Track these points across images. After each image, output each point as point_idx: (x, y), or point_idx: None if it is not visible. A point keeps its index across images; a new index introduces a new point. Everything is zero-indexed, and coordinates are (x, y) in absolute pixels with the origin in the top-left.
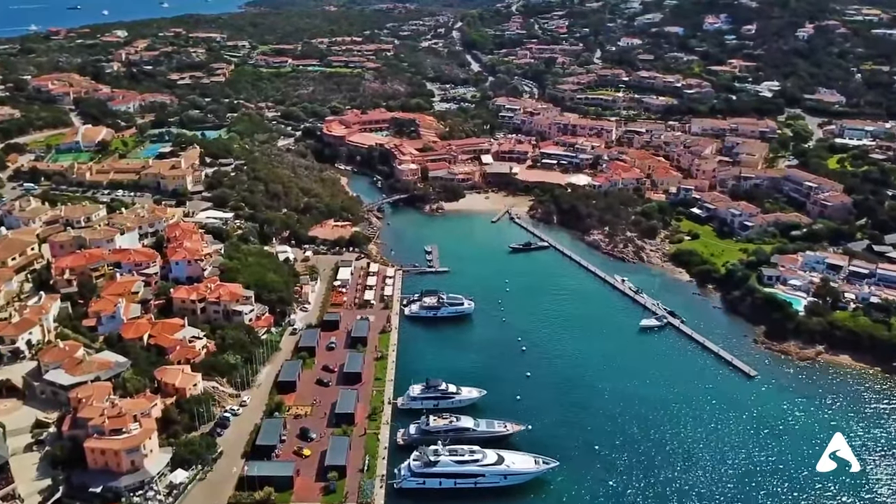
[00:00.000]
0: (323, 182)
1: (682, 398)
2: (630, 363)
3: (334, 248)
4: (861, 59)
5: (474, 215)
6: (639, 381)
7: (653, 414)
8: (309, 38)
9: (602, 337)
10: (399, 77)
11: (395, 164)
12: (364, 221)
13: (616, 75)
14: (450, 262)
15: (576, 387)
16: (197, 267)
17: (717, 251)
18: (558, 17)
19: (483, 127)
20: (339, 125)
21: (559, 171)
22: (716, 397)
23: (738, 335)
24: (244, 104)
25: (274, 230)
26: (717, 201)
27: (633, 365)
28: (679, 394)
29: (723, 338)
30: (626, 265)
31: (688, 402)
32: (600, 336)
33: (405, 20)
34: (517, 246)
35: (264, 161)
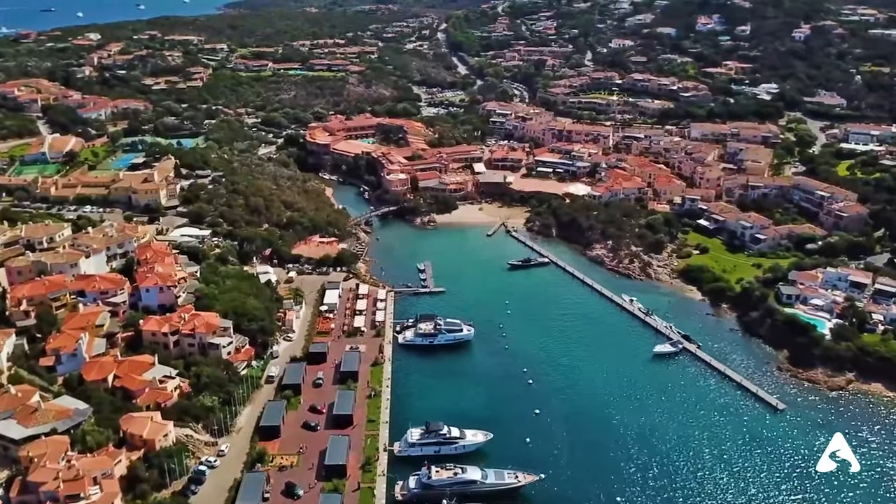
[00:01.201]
0: (307, 194)
1: (705, 435)
2: (645, 395)
3: (320, 267)
4: (860, 61)
5: (468, 228)
6: (656, 415)
7: (674, 454)
8: (290, 41)
9: (613, 365)
10: (384, 81)
11: (382, 173)
12: (351, 237)
13: (609, 78)
14: (445, 280)
15: (589, 423)
16: (170, 294)
17: (728, 266)
18: (546, 18)
19: (473, 133)
20: (323, 132)
21: (555, 179)
22: (740, 433)
23: (760, 361)
24: (223, 110)
25: (254, 248)
26: (725, 212)
27: (649, 397)
28: (700, 429)
29: (743, 365)
30: (632, 282)
31: (711, 439)
32: (611, 364)
33: (389, 21)
34: (516, 262)
35: (244, 172)
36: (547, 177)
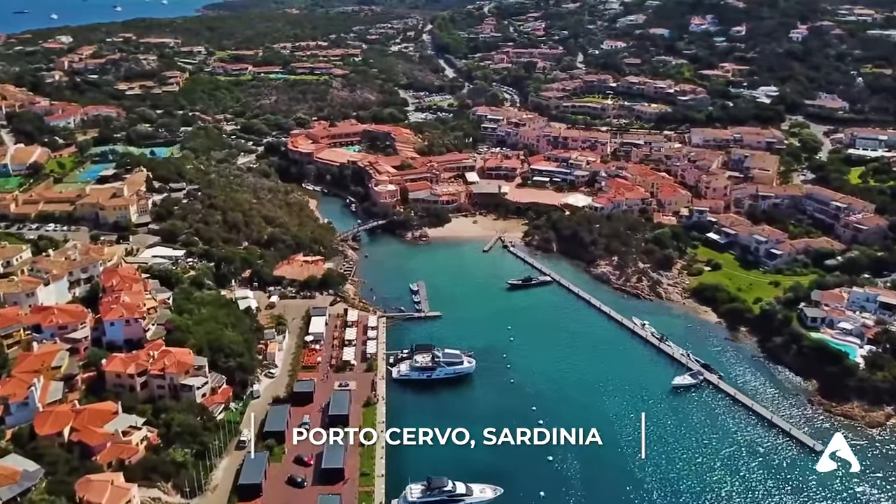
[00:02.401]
0: (289, 207)
1: (737, 483)
2: (666, 434)
3: (304, 290)
4: (860, 62)
5: (463, 243)
6: (681, 459)
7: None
8: (270, 43)
9: (628, 399)
10: (369, 84)
11: (370, 184)
12: (338, 255)
13: (603, 81)
14: (440, 303)
15: (607, 471)
16: (137, 327)
17: (744, 285)
18: (534, 18)
19: (465, 140)
20: (306, 140)
21: (552, 189)
22: (776, 481)
23: (788, 393)
24: (200, 116)
25: (233, 270)
26: (736, 225)
27: (671, 436)
28: (731, 476)
29: (771, 397)
30: (641, 303)
31: (745, 489)
32: (626, 398)
33: (372, 23)
34: (516, 282)
35: (222, 184)
36: (544, 186)
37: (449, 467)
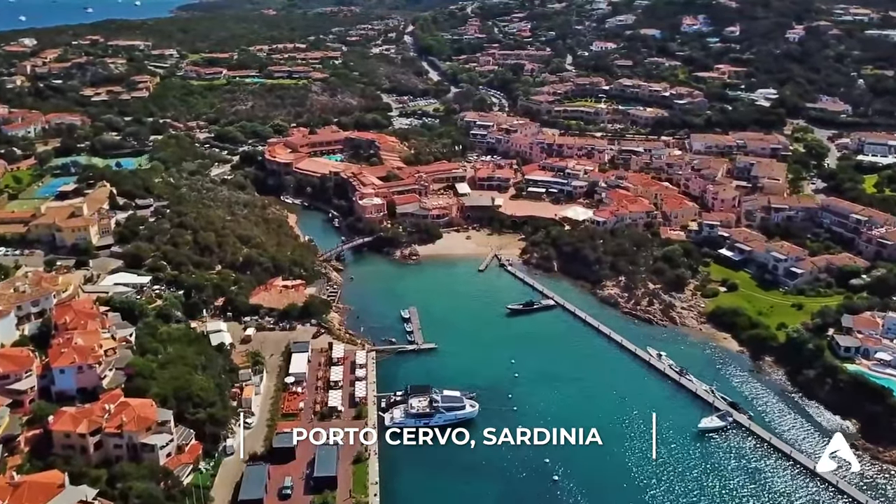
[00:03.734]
0: (267, 224)
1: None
2: (697, 488)
3: (284, 320)
4: (859, 63)
5: (456, 262)
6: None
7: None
8: (246, 46)
9: (650, 446)
10: (350, 89)
11: (354, 197)
12: (321, 278)
13: (595, 84)
14: (434, 332)
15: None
16: (92, 375)
17: (764, 308)
18: (519, 19)
19: (453, 148)
20: (284, 148)
21: (549, 201)
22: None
23: (826, 435)
24: (171, 124)
25: (204, 298)
26: (750, 241)
27: (702, 490)
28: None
29: (808, 440)
30: (654, 329)
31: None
32: (649, 445)
33: (352, 24)
34: (517, 307)
35: (193, 199)
36: (539, 198)
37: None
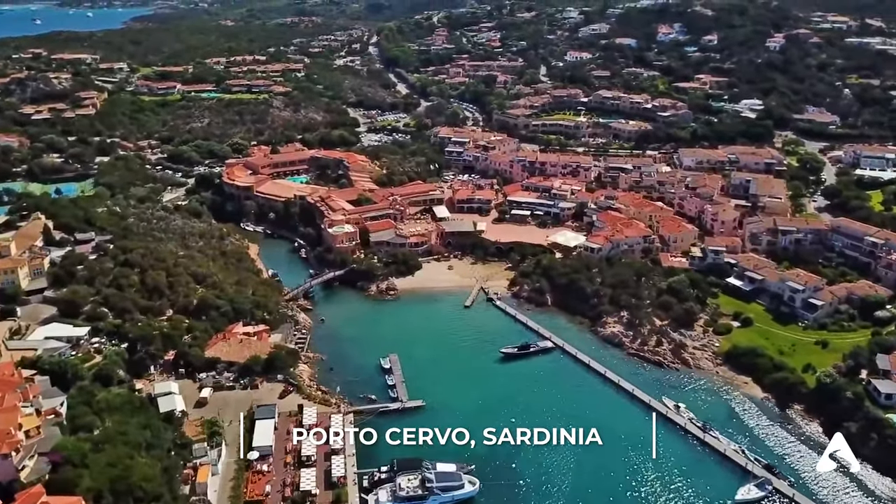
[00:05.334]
0: (225, 258)
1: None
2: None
3: (245, 376)
4: (843, 72)
5: (438, 297)
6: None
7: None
8: (202, 58)
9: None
10: (314, 103)
11: (323, 224)
12: (287, 321)
13: (573, 96)
14: (420, 385)
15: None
16: (7, 466)
17: (785, 346)
18: (487, 29)
19: (428, 167)
20: (244, 170)
21: (535, 224)
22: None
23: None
24: (120, 143)
25: (152, 352)
26: (760, 268)
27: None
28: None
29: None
30: (665, 374)
31: None
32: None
33: (314, 35)
34: (511, 350)
35: (142, 231)
36: (524, 221)
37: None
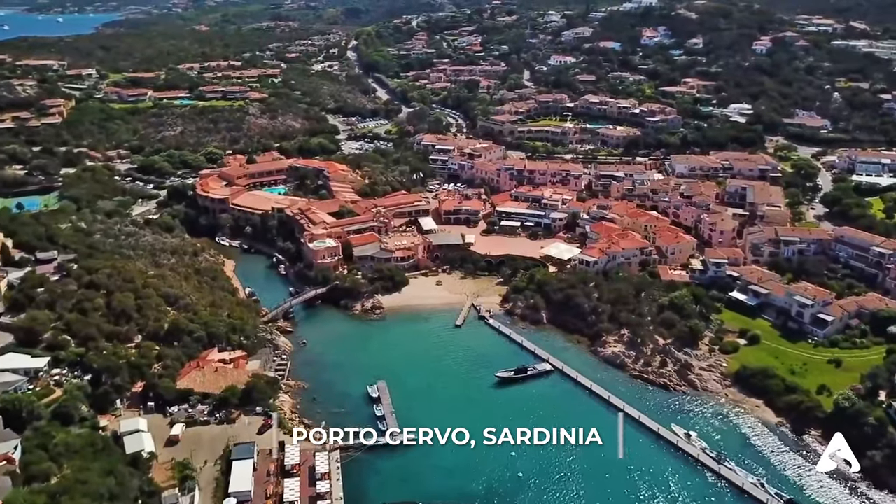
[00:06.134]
0: (199, 276)
1: None
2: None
3: (221, 409)
4: (831, 76)
5: (427, 315)
6: None
7: None
8: (175, 64)
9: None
10: (292, 110)
11: (303, 238)
12: (266, 345)
13: (559, 101)
14: (412, 415)
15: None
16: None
17: (796, 365)
18: (468, 33)
19: (412, 176)
20: (219, 181)
21: (525, 236)
22: None
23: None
24: (88, 154)
25: (118, 384)
26: (765, 281)
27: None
28: None
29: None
30: (671, 396)
31: None
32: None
33: (290, 40)
34: (507, 374)
35: (109, 249)
36: (514, 233)
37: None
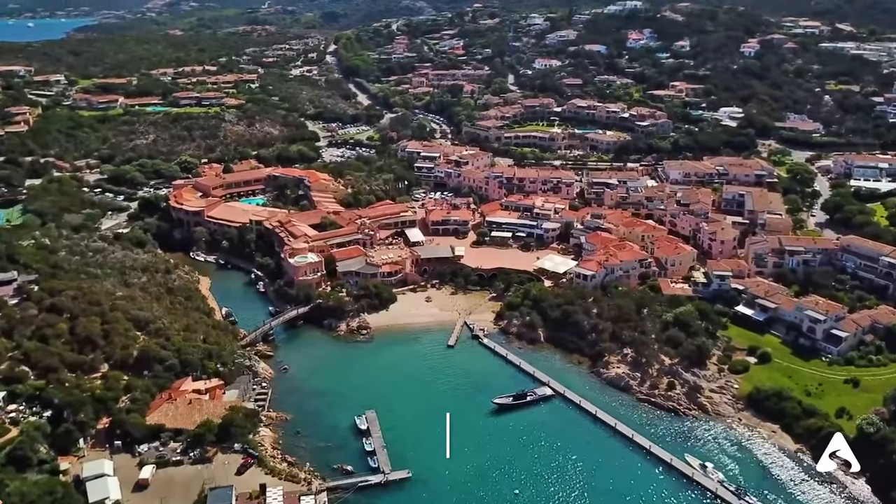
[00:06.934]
0: (172, 296)
1: None
2: None
3: (196, 446)
4: (821, 78)
5: (418, 335)
6: None
7: None
8: (148, 69)
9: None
10: (270, 116)
11: (283, 253)
12: (244, 373)
13: (545, 105)
14: (404, 449)
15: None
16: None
17: (811, 385)
18: (449, 36)
19: (397, 185)
20: (194, 192)
21: (517, 247)
22: None
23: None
24: (55, 164)
25: (81, 421)
26: (772, 295)
27: None
28: None
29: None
30: (681, 422)
31: None
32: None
33: (267, 44)
34: (505, 401)
35: (74, 268)
36: (505, 244)
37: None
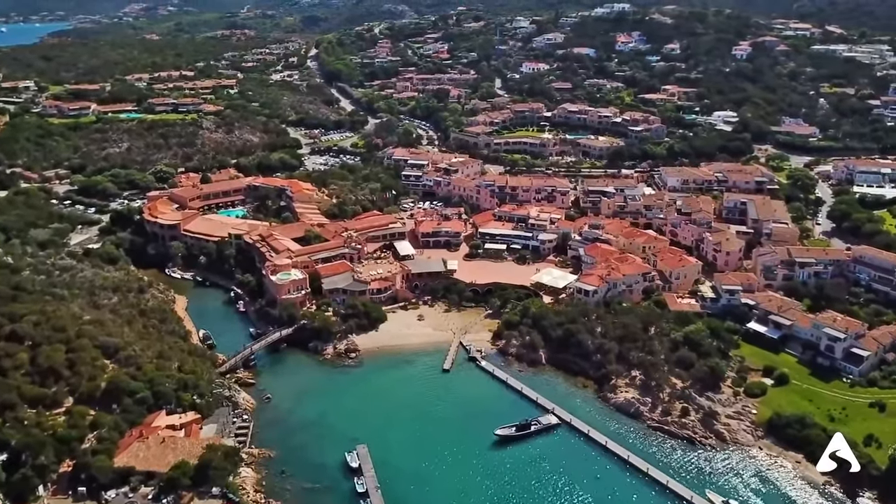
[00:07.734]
0: (145, 318)
1: None
2: None
3: (170, 491)
4: (814, 81)
5: (410, 358)
6: None
7: None
8: (122, 75)
9: None
10: (250, 122)
11: (264, 269)
12: (224, 404)
13: (535, 110)
14: (400, 490)
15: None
16: None
17: (835, 410)
18: (434, 40)
19: (384, 194)
20: (169, 204)
21: (512, 260)
22: None
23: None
24: (22, 174)
25: (41, 465)
26: (786, 311)
27: None
28: None
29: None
30: (695, 450)
31: None
32: None
33: (247, 48)
34: (508, 432)
35: (38, 289)
36: (500, 257)
37: None
